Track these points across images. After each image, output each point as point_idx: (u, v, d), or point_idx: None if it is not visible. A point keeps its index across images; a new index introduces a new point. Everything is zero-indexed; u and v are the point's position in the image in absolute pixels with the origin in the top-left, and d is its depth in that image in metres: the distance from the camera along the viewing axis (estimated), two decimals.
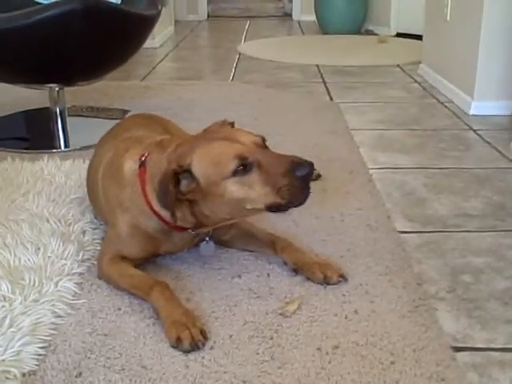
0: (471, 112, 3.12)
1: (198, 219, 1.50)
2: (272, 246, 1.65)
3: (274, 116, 3.09)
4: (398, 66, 4.47)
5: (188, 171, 1.41)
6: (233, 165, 1.38)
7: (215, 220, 1.51)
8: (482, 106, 3.10)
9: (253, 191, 1.39)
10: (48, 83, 2.70)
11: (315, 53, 5.17)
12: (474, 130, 2.87)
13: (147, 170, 1.53)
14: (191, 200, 1.45)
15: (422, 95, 3.62)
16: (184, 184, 1.42)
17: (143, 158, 1.55)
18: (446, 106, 3.31)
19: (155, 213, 1.52)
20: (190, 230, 1.56)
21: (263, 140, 1.47)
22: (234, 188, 1.40)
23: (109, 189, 1.62)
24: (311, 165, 1.39)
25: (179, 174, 1.41)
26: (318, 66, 4.50)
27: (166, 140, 1.60)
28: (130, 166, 1.58)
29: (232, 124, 1.57)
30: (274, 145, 2.62)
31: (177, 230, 1.55)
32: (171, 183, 1.40)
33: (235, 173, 1.38)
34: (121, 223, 1.57)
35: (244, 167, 1.38)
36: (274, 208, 1.42)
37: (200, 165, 1.41)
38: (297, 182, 1.37)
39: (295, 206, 1.44)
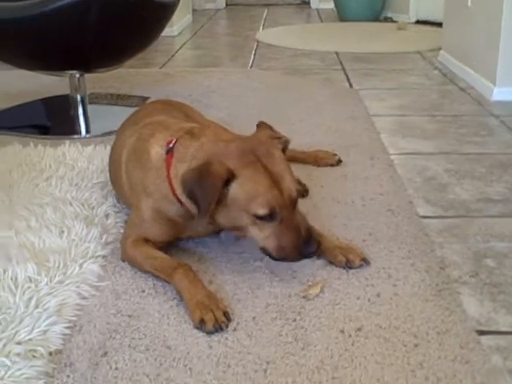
0: (493, 98, 3.09)
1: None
2: None
3: (293, 103, 3.08)
4: (418, 52, 4.44)
5: (229, 181, 1.40)
6: (261, 211, 1.39)
7: (222, 225, 1.51)
8: (504, 92, 3.07)
9: (259, 234, 1.43)
10: (68, 70, 2.71)
11: (334, 40, 5.14)
12: (496, 116, 2.84)
13: (175, 156, 1.52)
14: None
15: (443, 82, 3.59)
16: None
17: (171, 145, 1.54)
18: (467, 93, 3.28)
19: (179, 200, 1.52)
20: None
21: (298, 194, 1.47)
22: (247, 222, 1.42)
23: (133, 173, 1.63)
24: (318, 247, 1.44)
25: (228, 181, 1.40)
26: (337, 53, 4.48)
27: (197, 128, 1.58)
28: (156, 151, 1.57)
29: (270, 127, 1.56)
30: (294, 131, 2.64)
31: None
32: (219, 189, 1.38)
33: (257, 217, 1.40)
34: (144, 207, 1.58)
35: (269, 217, 1.40)
36: (265, 253, 1.47)
37: (239, 186, 1.40)
38: (297, 256, 1.44)
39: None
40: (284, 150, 1.52)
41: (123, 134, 1.81)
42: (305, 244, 1.41)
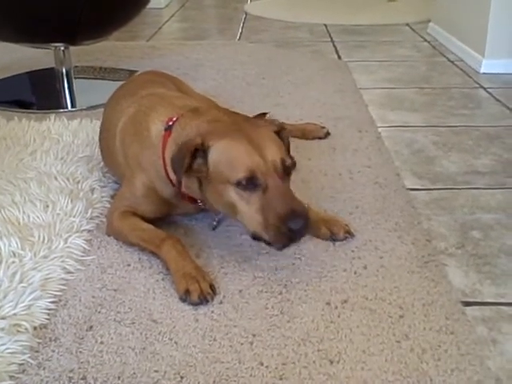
0: (482, 70, 3.07)
1: (204, 196, 1.47)
2: None
3: (282, 75, 3.05)
4: (407, 24, 4.40)
5: (205, 152, 1.39)
6: (240, 176, 1.34)
7: (215, 206, 1.48)
8: (493, 64, 3.06)
9: (247, 209, 1.36)
10: (53, 42, 2.67)
11: (323, 12, 5.08)
12: (485, 88, 2.83)
13: (172, 135, 1.49)
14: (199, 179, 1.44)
15: (432, 54, 3.57)
16: (197, 162, 1.39)
17: (171, 122, 1.51)
18: (456, 65, 3.26)
19: (169, 179, 1.50)
20: (199, 203, 1.54)
21: (284, 164, 1.39)
22: (233, 196, 1.36)
23: (130, 145, 1.60)
24: (306, 222, 1.33)
25: (199, 150, 1.38)
26: (326, 25, 4.43)
27: (202, 108, 1.54)
28: (156, 127, 1.54)
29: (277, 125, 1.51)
30: (282, 103, 2.62)
31: (188, 201, 1.54)
32: (188, 156, 1.37)
33: (238, 184, 1.35)
34: (137, 183, 1.56)
35: (250, 183, 1.34)
36: (257, 238, 1.39)
37: (216, 155, 1.38)
38: (286, 229, 1.31)
39: (276, 249, 1.40)
40: (279, 132, 1.48)
41: (118, 105, 1.76)
42: (293, 217, 1.31)
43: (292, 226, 1.31)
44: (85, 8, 2.46)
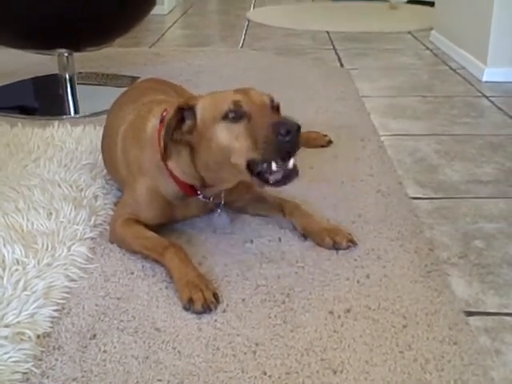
0: (484, 79, 3.08)
1: (197, 170, 1.49)
2: (280, 209, 1.65)
3: (284, 82, 3.05)
4: (409, 32, 4.41)
5: (192, 110, 1.45)
6: (225, 108, 1.40)
7: (209, 169, 1.48)
8: (496, 72, 3.06)
9: (237, 142, 1.39)
10: (57, 48, 2.67)
11: (325, 19, 5.10)
12: (487, 97, 2.84)
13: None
14: (191, 146, 1.47)
15: (434, 62, 3.57)
16: (187, 124, 1.46)
17: (165, 113, 1.54)
18: (458, 73, 3.27)
19: (168, 169, 1.52)
20: (200, 197, 1.56)
21: (272, 102, 1.47)
22: (220, 134, 1.41)
23: (130, 150, 1.62)
24: (296, 126, 1.34)
25: (184, 110, 1.45)
26: (328, 32, 4.45)
27: (193, 96, 1.62)
28: (152, 123, 1.58)
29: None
30: (284, 111, 2.61)
31: (188, 192, 1.55)
32: (175, 118, 1.44)
33: (225, 116, 1.40)
34: (139, 188, 1.57)
35: (236, 114, 1.39)
36: (254, 167, 1.38)
37: (203, 105, 1.46)
38: (277, 141, 1.32)
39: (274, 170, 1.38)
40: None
41: (121, 111, 1.78)
42: (280, 125, 1.32)
43: (282, 131, 1.32)
44: (84, 12, 2.46)
